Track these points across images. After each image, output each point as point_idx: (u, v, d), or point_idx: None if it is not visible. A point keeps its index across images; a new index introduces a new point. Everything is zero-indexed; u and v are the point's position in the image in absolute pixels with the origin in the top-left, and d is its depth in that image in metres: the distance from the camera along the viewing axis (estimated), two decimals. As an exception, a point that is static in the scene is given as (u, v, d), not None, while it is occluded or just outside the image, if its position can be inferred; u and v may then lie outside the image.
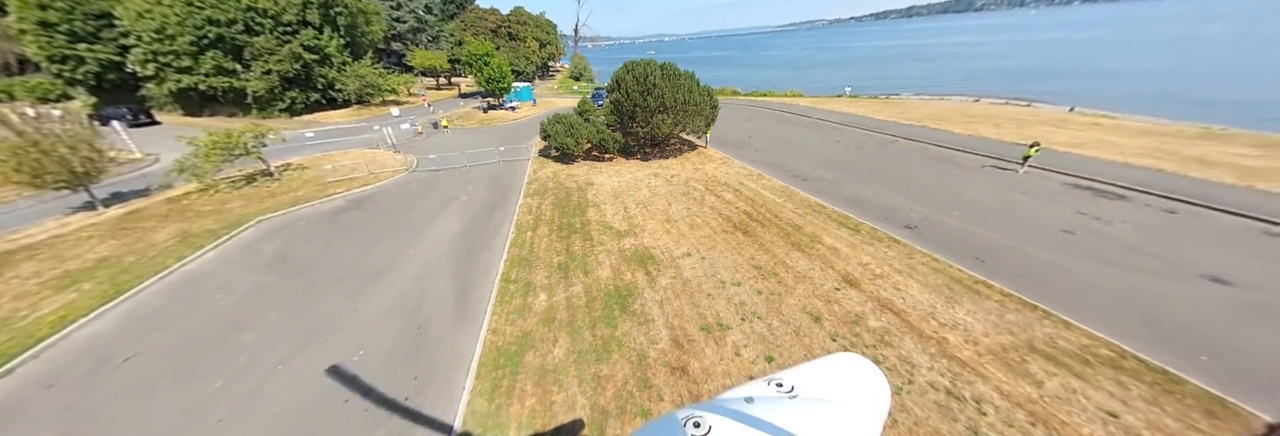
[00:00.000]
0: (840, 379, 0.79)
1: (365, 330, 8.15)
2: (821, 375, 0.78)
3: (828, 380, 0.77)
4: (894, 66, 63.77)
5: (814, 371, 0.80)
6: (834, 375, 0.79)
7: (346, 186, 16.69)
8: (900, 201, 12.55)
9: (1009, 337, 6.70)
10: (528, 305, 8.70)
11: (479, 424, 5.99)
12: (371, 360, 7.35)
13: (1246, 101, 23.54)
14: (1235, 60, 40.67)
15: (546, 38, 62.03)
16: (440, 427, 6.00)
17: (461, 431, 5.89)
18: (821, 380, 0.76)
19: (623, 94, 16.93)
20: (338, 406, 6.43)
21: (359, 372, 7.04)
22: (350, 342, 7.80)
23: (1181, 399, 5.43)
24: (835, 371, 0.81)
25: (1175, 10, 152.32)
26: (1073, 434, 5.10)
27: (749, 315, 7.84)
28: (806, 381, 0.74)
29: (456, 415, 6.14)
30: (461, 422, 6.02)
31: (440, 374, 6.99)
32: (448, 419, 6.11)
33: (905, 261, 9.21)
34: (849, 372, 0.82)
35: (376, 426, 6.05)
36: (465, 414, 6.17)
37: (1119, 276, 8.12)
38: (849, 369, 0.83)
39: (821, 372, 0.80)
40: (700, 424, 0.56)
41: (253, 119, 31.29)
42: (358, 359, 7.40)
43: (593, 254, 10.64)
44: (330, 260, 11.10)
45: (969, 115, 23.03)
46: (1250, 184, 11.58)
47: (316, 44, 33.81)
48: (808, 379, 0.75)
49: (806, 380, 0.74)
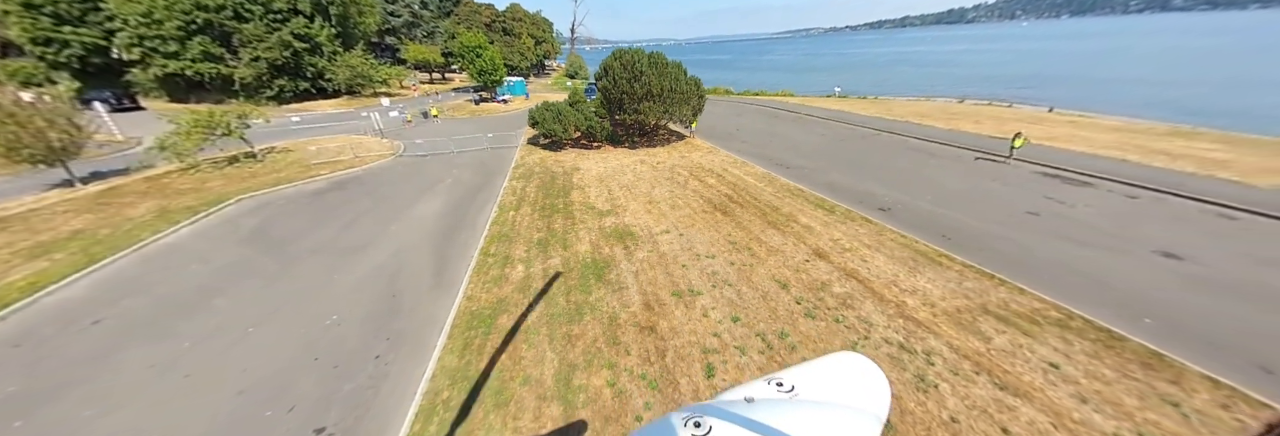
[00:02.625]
0: (840, 378, 0.78)
1: (340, 298, 8.17)
2: (821, 375, 0.78)
3: (828, 380, 0.76)
4: (886, 71, 65.15)
5: (814, 371, 0.79)
6: (834, 375, 0.79)
7: (330, 168, 16.66)
8: (877, 187, 12.87)
9: (964, 301, 6.96)
10: (505, 275, 8.79)
11: (448, 376, 6.08)
12: (345, 324, 7.39)
13: (1221, 107, 24.42)
14: (1214, 70, 42.20)
15: (542, 35, 62.26)
16: (409, 380, 6.07)
17: (430, 383, 5.98)
18: (821, 380, 0.75)
19: (610, 81, 17.12)
20: (307, 363, 6.47)
21: (331, 335, 7.09)
22: (324, 309, 7.83)
23: (1121, 353, 5.70)
24: (835, 371, 0.80)
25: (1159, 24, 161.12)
26: (1014, 381, 5.33)
27: (720, 283, 8.02)
28: (806, 381, 0.73)
29: (426, 370, 6.23)
30: (430, 375, 6.11)
31: (413, 335, 7.06)
32: (417, 373, 6.20)
33: (875, 238, 9.47)
34: (849, 372, 0.81)
35: (345, 380, 6.12)
36: (435, 369, 6.25)
37: (1076, 251, 8.45)
38: (849, 368, 0.82)
39: (821, 372, 0.79)
40: (700, 424, 0.56)
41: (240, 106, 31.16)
42: (330, 322, 7.44)
43: (573, 231, 10.77)
44: (310, 236, 11.09)
45: (951, 113, 23.63)
46: (1212, 173, 12.08)
47: (307, 32, 33.67)
48: (808, 378, 0.74)
49: (806, 380, 0.74)
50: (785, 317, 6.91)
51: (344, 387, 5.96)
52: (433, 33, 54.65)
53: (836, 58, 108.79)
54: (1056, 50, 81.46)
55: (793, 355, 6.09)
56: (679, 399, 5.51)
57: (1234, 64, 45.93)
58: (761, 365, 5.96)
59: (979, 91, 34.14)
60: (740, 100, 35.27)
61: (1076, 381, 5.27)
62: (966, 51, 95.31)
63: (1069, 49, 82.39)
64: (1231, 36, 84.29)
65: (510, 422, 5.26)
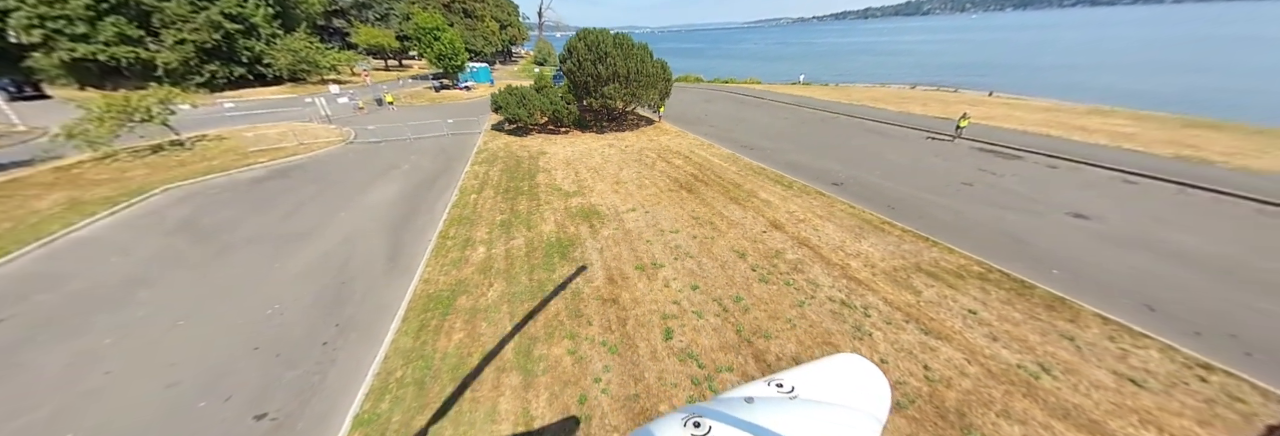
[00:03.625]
0: (840, 379, 0.78)
1: (282, 287, 7.72)
2: (821, 375, 0.77)
3: (828, 380, 0.76)
4: (848, 60, 67.82)
5: (814, 372, 0.79)
6: (834, 375, 0.79)
7: (271, 156, 15.48)
8: (832, 165, 13.47)
9: (901, 261, 7.52)
10: (465, 257, 8.62)
11: (402, 357, 5.96)
12: (288, 313, 7.01)
13: (1133, 89, 27.24)
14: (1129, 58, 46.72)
15: (507, 19, 59.52)
16: (360, 364, 5.91)
17: (382, 364, 5.85)
18: (821, 380, 0.75)
19: (574, 63, 16.73)
20: (245, 353, 6.13)
21: (272, 324, 6.72)
22: (263, 299, 7.38)
23: (1030, 299, 6.39)
24: (835, 371, 0.80)
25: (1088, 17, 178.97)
26: (938, 326, 5.88)
27: (682, 255, 8.24)
28: (806, 382, 0.73)
29: (378, 352, 6.07)
30: (382, 357, 5.97)
31: (364, 320, 6.82)
32: (369, 356, 6.03)
33: (827, 209, 9.98)
34: (849, 373, 0.81)
35: (288, 367, 5.85)
36: (388, 350, 6.11)
37: (1001, 215, 9.28)
38: (849, 369, 0.82)
39: (821, 373, 0.79)
40: (700, 424, 0.56)
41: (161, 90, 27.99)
42: (271, 312, 7.03)
43: (538, 212, 10.65)
44: (246, 225, 10.34)
45: (903, 97, 24.90)
46: (1119, 145, 13.54)
47: (240, 12, 30.56)
48: (808, 379, 0.74)
49: (806, 380, 0.73)
50: (741, 284, 7.23)
51: (287, 375, 5.71)
52: (387, 15, 50.93)
53: (803, 47, 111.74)
54: (1000, 40, 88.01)
55: (745, 316, 6.40)
56: (636, 360, 5.70)
57: (1146, 52, 51.26)
58: (716, 326, 6.24)
59: (929, 78, 36.14)
60: (710, 87, 35.54)
61: (990, 324, 5.88)
62: (921, 42, 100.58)
63: (1011, 39, 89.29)
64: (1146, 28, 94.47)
65: (468, 393, 5.27)
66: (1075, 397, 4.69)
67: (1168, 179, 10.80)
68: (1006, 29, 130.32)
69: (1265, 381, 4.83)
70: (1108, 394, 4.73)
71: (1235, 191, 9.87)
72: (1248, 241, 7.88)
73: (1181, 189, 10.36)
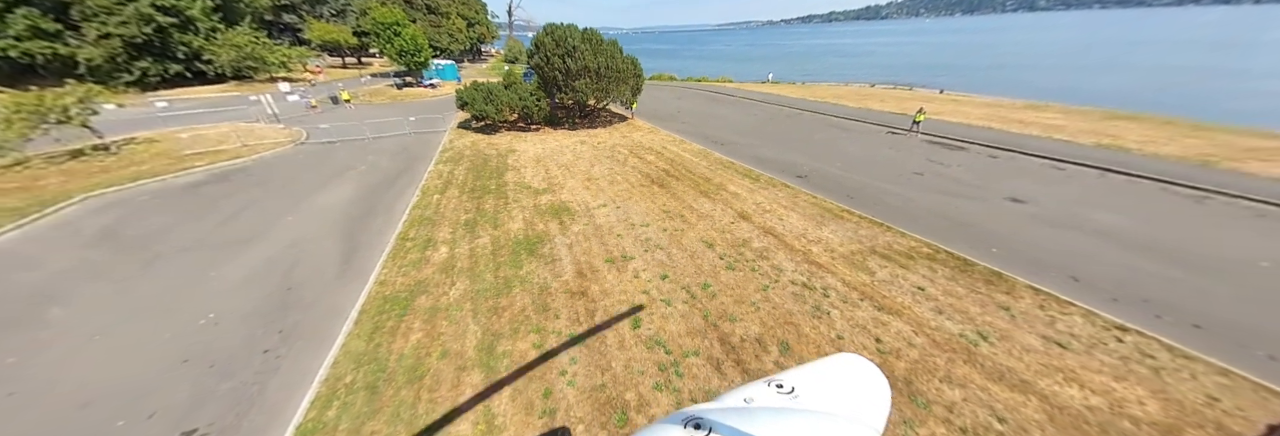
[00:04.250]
0: (840, 379, 0.77)
1: (218, 296, 7.15)
2: (821, 376, 0.77)
3: (828, 381, 0.75)
4: (814, 61, 70.78)
5: (814, 372, 0.78)
6: (834, 376, 0.78)
7: (210, 159, 14.34)
8: (798, 158, 13.96)
9: (857, 246, 7.90)
10: (426, 258, 8.30)
11: (353, 361, 5.65)
12: (224, 323, 6.49)
13: (1063, 87, 29.92)
14: (1061, 59, 51.23)
15: (474, 16, 57.95)
16: (304, 371, 5.54)
17: (330, 370, 5.54)
18: (821, 381, 0.74)
19: (542, 58, 16.50)
20: (173, 367, 5.62)
21: (206, 335, 6.21)
22: (196, 309, 6.80)
23: (971, 275, 6.87)
24: (835, 372, 0.79)
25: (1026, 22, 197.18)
26: (890, 303, 6.22)
27: (652, 247, 8.30)
28: (806, 382, 0.72)
29: (326, 357, 5.72)
30: (331, 362, 5.65)
31: (312, 325, 6.41)
32: (315, 362, 5.66)
33: (791, 200, 10.34)
34: (849, 373, 0.80)
35: (223, 379, 5.41)
36: (338, 355, 5.77)
37: (947, 201, 9.93)
38: (849, 369, 0.81)
39: (821, 373, 0.78)
40: (701, 425, 0.55)
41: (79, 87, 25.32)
42: (205, 322, 6.50)
43: (506, 210, 10.44)
44: (179, 233, 9.51)
45: (863, 95, 26.15)
46: (1050, 135, 14.82)
47: (174, 4, 28.18)
48: (808, 380, 0.73)
49: (806, 381, 0.73)
50: (709, 272, 7.37)
51: (221, 387, 5.28)
52: (344, 10, 48.40)
53: (773, 48, 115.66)
54: (950, 43, 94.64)
55: (712, 302, 6.53)
56: (604, 350, 5.69)
57: (1073, 53, 56.43)
58: (684, 313, 6.33)
59: (887, 77, 38.18)
60: (683, 85, 36.03)
61: (936, 298, 6.28)
62: (881, 44, 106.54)
63: (960, 42, 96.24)
64: (1074, 31, 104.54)
65: (425, 394, 5.08)
66: (1009, 361, 5.09)
67: (1091, 165, 11.90)
68: (956, 32, 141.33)
69: (1172, 339, 5.41)
70: (1037, 356, 5.15)
71: (1146, 174, 11.01)
72: (1158, 218, 8.81)
73: (1102, 173, 11.44)
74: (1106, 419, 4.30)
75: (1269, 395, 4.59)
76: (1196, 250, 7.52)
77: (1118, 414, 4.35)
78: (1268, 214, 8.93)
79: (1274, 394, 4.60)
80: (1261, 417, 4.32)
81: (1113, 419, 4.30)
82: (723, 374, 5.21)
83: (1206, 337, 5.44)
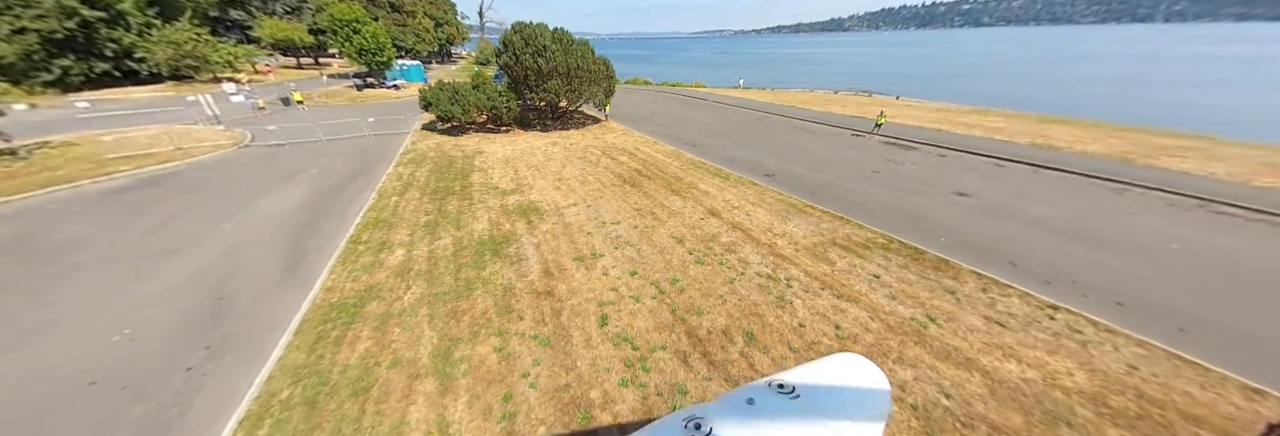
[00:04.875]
0: (840, 379, 0.76)
1: (137, 310, 6.46)
2: (821, 375, 0.76)
3: (828, 380, 0.75)
4: (783, 68, 74.06)
5: (814, 372, 0.77)
6: (834, 375, 0.77)
7: (137, 164, 13.07)
8: (766, 158, 14.39)
9: (819, 238, 8.18)
10: (380, 261, 7.84)
11: (290, 375, 5.19)
12: (141, 339, 5.85)
13: (1004, 94, 32.69)
14: (1002, 69, 56.06)
15: (443, 17, 56.68)
16: (234, 388, 5.05)
17: (264, 386, 5.06)
18: (822, 380, 0.74)
19: (511, 57, 16.24)
20: (76, 390, 4.98)
21: (120, 353, 5.57)
22: (110, 325, 6.12)
23: (922, 262, 7.24)
24: (835, 371, 0.78)
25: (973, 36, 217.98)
26: (848, 290, 6.45)
27: (623, 244, 8.25)
28: (807, 382, 0.71)
29: (260, 373, 5.25)
30: (266, 377, 5.18)
31: (245, 338, 5.88)
32: (246, 379, 5.18)
33: (759, 197, 10.60)
34: (849, 372, 0.79)
35: (136, 402, 4.84)
36: (273, 369, 5.30)
37: (901, 196, 10.49)
38: (849, 369, 0.81)
39: (821, 373, 0.77)
40: (701, 425, 0.55)
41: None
42: (120, 339, 5.84)
43: (470, 211, 10.11)
44: (97, 243, 8.58)
45: (827, 100, 27.46)
46: (991, 136, 16.06)
47: (102, -3, 25.86)
48: (808, 379, 0.72)
49: (807, 381, 0.72)
50: (678, 266, 7.39)
51: (134, 410, 4.72)
52: (299, 7, 46.01)
53: (746, 56, 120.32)
54: (906, 54, 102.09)
55: (681, 296, 6.55)
56: (569, 350, 5.56)
57: (1014, 65, 61.98)
58: (652, 309, 6.30)
59: (850, 84, 40.34)
60: (658, 90, 36.52)
61: (890, 285, 6.57)
62: (844, 54, 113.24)
63: (914, 53, 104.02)
64: (1016, 45, 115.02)
65: (371, 407, 4.73)
66: (955, 341, 5.37)
67: (1027, 162, 12.95)
68: (911, 44, 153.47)
69: (1097, 316, 5.88)
70: (980, 335, 5.46)
71: (1075, 170, 12.09)
72: (1085, 208, 9.65)
73: (1036, 169, 12.47)
74: (1041, 390, 4.59)
75: (1181, 363, 5.05)
76: (1118, 236, 8.27)
77: (1050, 385, 4.66)
78: (1177, 203, 9.98)
79: (1184, 361, 5.07)
80: (1177, 384, 4.74)
81: (1046, 389, 4.60)
82: (690, 366, 5.20)
83: (1126, 313, 5.95)
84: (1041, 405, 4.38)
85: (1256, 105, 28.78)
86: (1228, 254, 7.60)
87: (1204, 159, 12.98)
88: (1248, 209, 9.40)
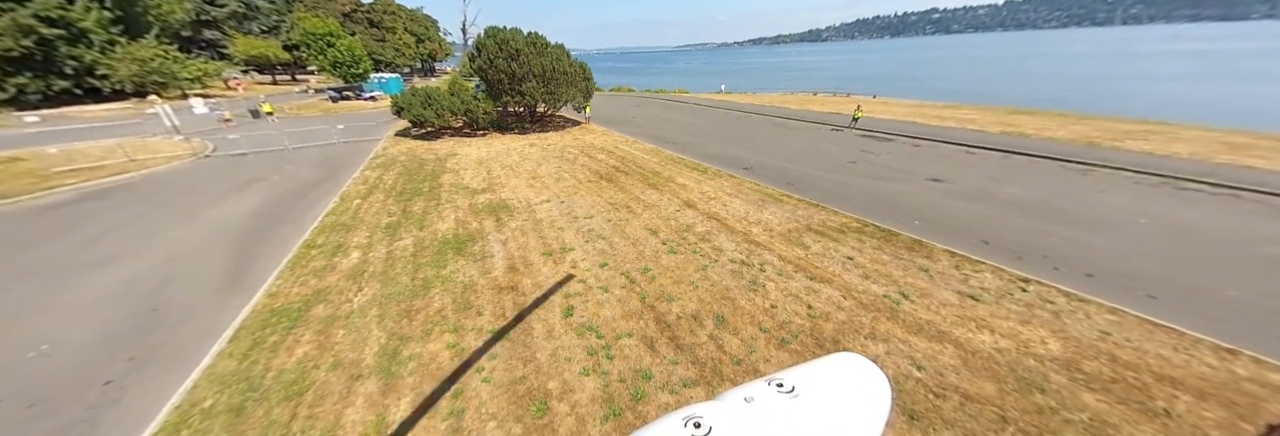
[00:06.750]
0: (840, 379, 0.78)
1: (58, 323, 5.97)
2: (822, 375, 0.78)
3: (828, 380, 0.76)
4: (764, 75, 76.57)
5: (814, 371, 0.79)
6: (834, 375, 0.79)
7: (84, 177, 12.45)
8: (744, 153, 14.42)
9: (794, 225, 8.06)
10: (332, 264, 7.39)
11: (217, 383, 4.76)
12: (58, 354, 5.36)
13: (975, 91, 33.95)
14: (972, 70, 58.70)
15: (424, 32, 57.04)
16: (153, 399, 4.60)
17: (187, 395, 4.62)
18: (822, 380, 0.75)
19: (485, 61, 16.21)
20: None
21: (31, 369, 5.08)
22: (26, 340, 5.61)
23: (895, 244, 7.14)
24: (835, 371, 0.80)
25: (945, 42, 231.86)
26: (822, 272, 6.28)
27: (594, 238, 8.02)
28: (807, 381, 0.73)
29: (184, 383, 4.80)
30: (190, 386, 4.74)
31: (174, 349, 5.43)
32: (168, 390, 4.73)
33: (736, 188, 10.52)
34: (849, 372, 0.81)
35: (45, 419, 4.38)
36: (199, 378, 4.86)
37: (876, 184, 10.51)
38: (849, 369, 0.82)
39: (822, 372, 0.79)
40: (700, 424, 0.56)
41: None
42: (35, 355, 5.34)
43: (436, 211, 9.79)
44: (28, 257, 8.02)
45: (806, 100, 28.10)
46: (964, 127, 16.43)
47: (63, 15, 24.96)
48: (808, 379, 0.74)
49: (807, 380, 0.73)
50: (650, 256, 7.17)
51: (38, 428, 4.28)
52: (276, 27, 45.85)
53: (727, 65, 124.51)
54: (881, 59, 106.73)
55: (651, 284, 6.31)
56: (529, 342, 5.25)
57: (984, 65, 64.90)
58: (621, 298, 6.04)
59: (828, 87, 41.48)
60: (641, 96, 37.01)
61: (863, 266, 6.43)
62: (824, 61, 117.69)
63: (889, 58, 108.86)
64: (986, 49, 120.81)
65: (303, 411, 4.31)
66: (928, 315, 5.20)
67: (997, 149, 13.19)
68: (886, 51, 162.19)
69: (1068, 287, 5.79)
70: (953, 309, 5.32)
71: (1043, 154, 12.34)
72: (1052, 188, 9.75)
73: (1006, 155, 12.69)
74: (1014, 358, 4.43)
75: (1153, 328, 4.95)
76: (1086, 213, 8.31)
77: (1024, 353, 4.50)
78: (1142, 181, 10.16)
79: (1157, 326, 4.98)
80: (1150, 348, 4.63)
81: (1020, 357, 4.43)
82: (656, 351, 4.94)
83: (1097, 284, 5.88)
84: (1015, 373, 4.21)
85: (1213, 96, 30.27)
86: (1194, 226, 7.67)
87: (1167, 141, 13.36)
88: (1211, 184, 9.59)
